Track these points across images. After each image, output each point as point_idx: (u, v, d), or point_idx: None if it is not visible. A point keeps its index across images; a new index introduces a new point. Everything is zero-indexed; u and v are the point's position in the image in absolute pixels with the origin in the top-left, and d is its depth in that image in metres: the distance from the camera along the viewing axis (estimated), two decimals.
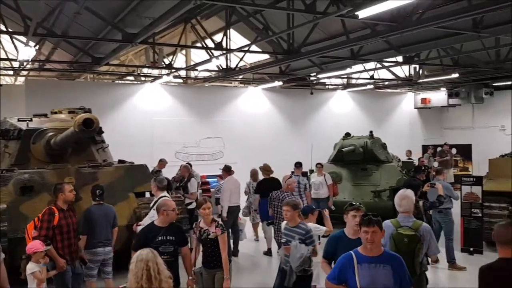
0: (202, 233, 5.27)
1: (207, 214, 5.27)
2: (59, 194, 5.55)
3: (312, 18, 8.10)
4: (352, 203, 4.66)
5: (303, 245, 5.13)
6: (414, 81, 15.13)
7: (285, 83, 16.80)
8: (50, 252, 5.30)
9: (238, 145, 16.25)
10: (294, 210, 5.34)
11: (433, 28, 8.35)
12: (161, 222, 4.94)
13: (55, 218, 5.39)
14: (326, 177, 10.45)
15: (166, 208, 4.95)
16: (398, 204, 4.81)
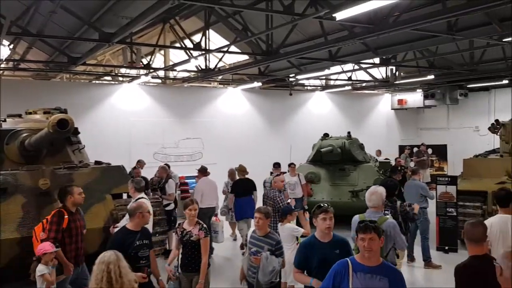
0: (184, 234, 5.16)
1: (193, 216, 5.19)
2: (68, 197, 5.45)
3: (291, 19, 8.14)
4: (320, 205, 4.44)
5: (273, 257, 4.85)
6: (391, 82, 15.35)
7: (264, 84, 16.84)
8: (58, 255, 5.22)
9: (217, 145, 16.22)
10: (266, 218, 5.04)
11: (409, 31, 8.49)
12: (136, 225, 4.78)
13: (64, 221, 5.31)
14: (300, 177, 10.53)
15: (142, 210, 4.83)
16: (367, 199, 4.96)
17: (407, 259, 8.15)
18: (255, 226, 5.10)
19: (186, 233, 5.15)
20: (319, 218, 4.29)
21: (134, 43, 11.20)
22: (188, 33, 12.09)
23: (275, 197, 7.54)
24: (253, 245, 5.04)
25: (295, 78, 15.10)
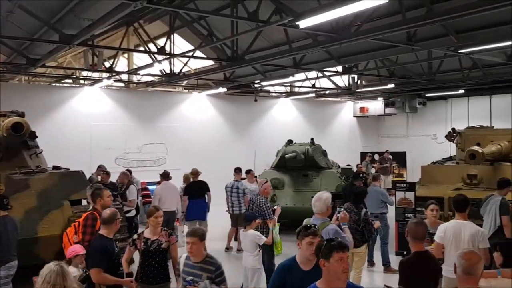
0: (149, 244, 4.87)
1: (158, 224, 4.96)
2: (98, 200, 5.50)
3: (255, 26, 8.19)
4: (308, 225, 3.89)
5: (214, 286, 4.19)
6: (353, 90, 15.69)
7: (229, 90, 16.84)
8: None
9: (181, 151, 16.06)
10: (201, 241, 4.29)
11: (370, 40, 8.72)
12: (112, 232, 4.66)
13: (97, 224, 5.26)
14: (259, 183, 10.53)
15: (119, 216, 4.73)
16: (313, 205, 5.06)
17: (367, 264, 8.31)
18: (188, 252, 4.30)
19: (153, 242, 4.89)
20: (304, 241, 3.71)
21: (95, 45, 10.98)
22: (152, 37, 11.95)
23: (261, 204, 7.21)
24: (188, 274, 4.23)
25: (260, 84, 15.19)
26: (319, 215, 4.99)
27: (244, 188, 9.96)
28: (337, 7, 5.75)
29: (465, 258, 3.29)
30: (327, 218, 5.07)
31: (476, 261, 3.27)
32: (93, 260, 4.51)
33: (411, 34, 9.03)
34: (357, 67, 13.45)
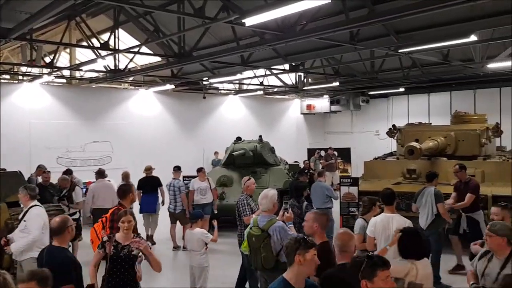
0: (119, 249, 4.54)
1: (127, 228, 4.60)
2: (129, 195, 5.47)
3: (202, 23, 8.16)
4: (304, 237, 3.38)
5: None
6: (300, 88, 15.98)
7: (177, 87, 16.64)
8: None
9: (128, 149, 15.69)
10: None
11: (315, 39, 8.92)
12: (66, 241, 4.31)
13: None
14: (209, 181, 10.54)
15: (70, 223, 4.36)
16: (259, 203, 5.10)
17: None
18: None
19: (123, 248, 4.54)
20: (309, 254, 3.24)
21: (34, 40, 10.48)
22: (96, 31, 11.58)
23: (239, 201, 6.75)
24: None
25: (208, 81, 15.13)
26: (265, 212, 5.05)
27: (180, 186, 9.96)
28: (282, 5, 5.84)
29: (340, 238, 3.80)
30: (274, 215, 5.13)
31: (348, 239, 3.81)
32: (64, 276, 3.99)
33: (354, 34, 9.32)
34: (304, 66, 13.71)
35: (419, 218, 7.56)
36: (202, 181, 10.28)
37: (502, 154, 12.03)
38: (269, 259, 4.82)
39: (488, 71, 12.36)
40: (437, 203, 7.34)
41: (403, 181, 9.75)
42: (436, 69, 13.94)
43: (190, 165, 11.64)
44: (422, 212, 7.53)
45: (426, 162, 9.96)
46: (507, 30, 9.69)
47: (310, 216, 4.49)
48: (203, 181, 10.30)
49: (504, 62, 10.65)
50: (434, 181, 7.64)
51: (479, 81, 15.89)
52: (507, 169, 9.36)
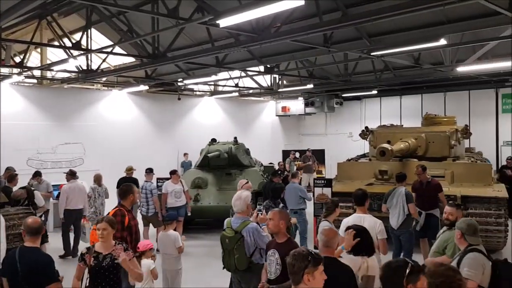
0: (101, 259, 4.32)
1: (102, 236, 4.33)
2: (129, 196, 5.47)
3: (175, 23, 8.12)
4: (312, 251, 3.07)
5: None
6: (275, 90, 16.06)
7: (151, 88, 16.48)
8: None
9: (100, 151, 15.42)
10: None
11: (290, 41, 8.99)
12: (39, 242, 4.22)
13: (126, 220, 5.28)
14: (183, 184, 10.53)
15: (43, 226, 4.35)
16: (233, 204, 5.10)
17: None
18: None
19: (105, 257, 4.33)
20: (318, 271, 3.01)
21: (3, 39, 10.21)
22: (68, 31, 11.37)
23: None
24: None
25: (183, 82, 15.03)
26: (239, 214, 5.06)
27: (152, 189, 9.97)
28: (256, 7, 5.85)
29: (324, 234, 3.96)
30: (248, 217, 5.15)
31: (332, 236, 3.96)
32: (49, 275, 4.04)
33: (328, 37, 9.42)
34: (278, 68, 13.79)
35: (390, 218, 7.73)
36: (175, 184, 10.25)
37: (471, 155, 12.39)
38: (242, 260, 4.84)
39: (458, 74, 12.68)
40: (408, 203, 7.54)
41: (375, 182, 9.92)
42: (408, 72, 14.24)
43: (164, 167, 11.55)
44: (393, 212, 7.70)
45: (398, 163, 10.17)
46: (475, 35, 10.02)
47: (276, 214, 4.53)
48: (176, 184, 10.27)
49: (472, 65, 10.94)
50: (404, 182, 7.87)
51: (449, 84, 16.31)
52: (475, 170, 9.65)
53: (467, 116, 16.37)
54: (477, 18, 9.11)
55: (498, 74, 13.76)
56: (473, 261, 3.95)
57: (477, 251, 4.07)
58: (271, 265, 4.43)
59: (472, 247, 4.11)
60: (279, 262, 4.32)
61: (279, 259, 4.32)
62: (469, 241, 4.16)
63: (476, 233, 4.20)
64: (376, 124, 13.64)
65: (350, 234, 4.35)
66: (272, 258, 4.43)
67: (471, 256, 4.00)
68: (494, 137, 16.18)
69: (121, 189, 5.68)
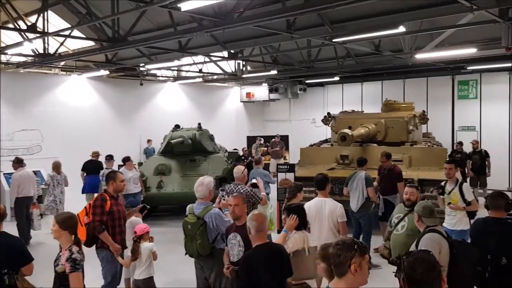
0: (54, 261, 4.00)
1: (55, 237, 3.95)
2: (111, 182, 5.51)
3: (136, 6, 7.93)
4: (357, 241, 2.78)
5: None
6: (239, 76, 16.02)
7: (112, 73, 16.08)
8: (104, 237, 5.25)
9: (59, 137, 14.99)
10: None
11: (253, 27, 8.97)
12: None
13: (107, 204, 5.33)
14: (137, 170, 10.53)
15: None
16: (195, 190, 5.11)
17: None
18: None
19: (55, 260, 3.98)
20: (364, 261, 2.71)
21: None
22: (23, 13, 10.89)
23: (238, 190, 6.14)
24: None
25: (145, 67, 14.75)
26: (201, 199, 5.07)
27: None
28: None
29: (255, 219, 3.95)
30: (210, 202, 5.16)
31: (263, 220, 3.99)
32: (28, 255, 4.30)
33: (291, 23, 9.46)
34: (242, 53, 13.74)
35: (350, 201, 7.94)
36: (129, 170, 10.24)
37: (428, 140, 12.83)
38: (204, 246, 4.86)
39: (416, 62, 13.03)
40: (368, 187, 7.77)
41: (336, 166, 10.13)
42: (369, 59, 14.50)
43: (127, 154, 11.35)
44: (353, 196, 7.91)
45: (358, 148, 10.41)
46: (433, 22, 10.31)
47: (240, 199, 4.60)
48: (130, 170, 10.27)
49: (430, 53, 11.26)
50: (364, 167, 8.08)
51: (408, 71, 16.74)
52: (431, 154, 10.01)
53: (425, 102, 16.87)
54: (435, 6, 9.38)
55: (454, 62, 14.24)
56: (429, 241, 4.07)
57: (434, 231, 4.20)
58: (233, 248, 4.50)
59: (430, 228, 4.25)
60: (242, 244, 4.39)
61: (241, 241, 4.39)
62: (426, 223, 4.29)
63: (432, 214, 4.33)
64: (338, 110, 13.86)
65: (292, 219, 4.55)
66: (234, 241, 4.49)
67: (428, 237, 4.13)
68: (450, 123, 16.80)
69: (107, 175, 5.76)
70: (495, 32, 9.97)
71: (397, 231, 5.21)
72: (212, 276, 4.96)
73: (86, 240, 5.28)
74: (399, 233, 5.17)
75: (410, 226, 4.97)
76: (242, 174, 6.44)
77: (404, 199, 5.35)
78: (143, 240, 5.61)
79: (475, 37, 11.49)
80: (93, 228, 5.25)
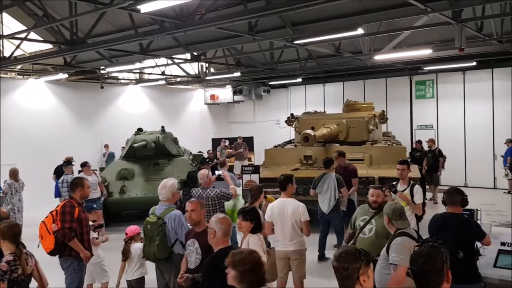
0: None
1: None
2: (78, 189, 5.39)
3: (93, 8, 7.79)
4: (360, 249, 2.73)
5: None
6: (202, 78, 15.96)
7: (72, 76, 15.69)
8: (75, 244, 5.15)
9: (16, 144, 14.46)
10: None
11: (215, 29, 8.98)
12: None
13: (76, 211, 5.23)
14: (97, 175, 10.34)
15: None
16: (158, 192, 5.07)
17: None
18: None
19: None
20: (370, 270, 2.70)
21: None
22: None
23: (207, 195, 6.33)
24: None
25: (106, 70, 14.46)
26: (164, 201, 5.03)
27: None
28: None
29: (223, 222, 3.88)
30: (173, 205, 5.12)
31: (230, 223, 3.95)
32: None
33: (253, 25, 9.53)
34: (205, 55, 13.71)
35: (320, 203, 7.94)
36: (89, 176, 10.05)
37: (388, 139, 13.18)
38: (162, 248, 4.77)
39: (375, 63, 13.38)
40: (341, 187, 7.83)
41: (300, 167, 10.24)
42: (330, 61, 14.77)
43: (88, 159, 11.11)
44: (323, 197, 7.88)
45: (321, 148, 10.58)
46: (391, 25, 10.62)
47: (197, 204, 4.54)
48: (89, 176, 10.08)
49: (388, 54, 11.58)
50: (331, 167, 8.08)
51: (368, 72, 17.21)
52: (391, 152, 10.29)
53: (384, 102, 17.33)
54: (392, 9, 9.67)
55: (412, 62, 14.72)
56: (400, 246, 4.04)
57: (405, 234, 4.17)
58: (191, 255, 4.43)
59: (400, 231, 4.22)
60: (199, 251, 4.32)
61: (199, 249, 4.32)
62: (396, 226, 4.27)
63: (402, 217, 4.30)
64: (302, 111, 14.04)
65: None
66: (192, 248, 4.42)
67: (398, 241, 4.10)
68: (409, 122, 17.33)
69: (72, 181, 5.63)
70: (449, 33, 10.37)
71: (364, 235, 5.06)
72: (171, 282, 4.87)
73: (54, 248, 5.17)
74: (366, 237, 5.02)
75: (379, 228, 4.89)
76: (208, 178, 6.42)
77: (370, 201, 5.17)
78: (134, 241, 5.75)
79: (431, 38, 11.93)
80: (62, 235, 5.12)
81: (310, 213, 5.86)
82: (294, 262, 5.66)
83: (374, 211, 5.10)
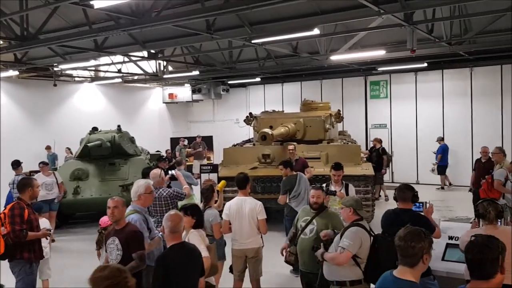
0: None
1: None
2: (28, 189, 5.29)
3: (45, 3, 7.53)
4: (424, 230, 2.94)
5: None
6: (160, 76, 15.76)
7: (23, 73, 15.08)
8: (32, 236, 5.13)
9: None
10: None
11: (173, 27, 8.88)
12: None
13: (25, 213, 5.14)
14: (56, 176, 10.02)
15: None
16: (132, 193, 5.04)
17: None
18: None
19: None
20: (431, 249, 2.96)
21: None
22: None
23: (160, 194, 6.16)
24: None
25: (58, 67, 13.99)
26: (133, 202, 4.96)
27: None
28: None
29: (170, 219, 3.90)
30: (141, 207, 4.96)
31: (179, 221, 3.96)
32: None
33: (210, 23, 9.50)
34: (163, 53, 13.53)
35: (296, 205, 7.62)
36: (46, 176, 9.72)
37: (344, 138, 13.49)
38: None
39: (331, 63, 13.66)
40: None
41: (259, 165, 10.30)
42: (288, 61, 14.94)
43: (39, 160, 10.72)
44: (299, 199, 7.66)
45: (279, 147, 10.68)
46: (346, 26, 10.87)
47: (118, 201, 4.53)
48: (47, 176, 9.76)
49: (344, 54, 11.83)
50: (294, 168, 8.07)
51: (325, 72, 17.54)
52: (346, 151, 10.54)
53: (340, 101, 17.69)
54: (347, 10, 9.89)
55: (366, 63, 15.12)
56: (353, 234, 4.29)
57: (359, 225, 4.41)
58: (111, 253, 4.39)
59: (356, 222, 4.45)
60: (120, 247, 4.31)
61: (119, 245, 4.32)
62: (362, 214, 4.55)
63: (362, 206, 4.68)
64: (261, 110, 14.12)
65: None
66: (112, 246, 4.38)
67: (352, 230, 4.35)
68: (364, 121, 17.79)
69: (20, 182, 5.50)
70: (402, 35, 10.73)
71: (305, 235, 5.02)
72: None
73: (4, 253, 5.03)
74: (307, 237, 4.99)
75: (320, 229, 4.91)
76: (160, 177, 6.30)
77: (311, 203, 5.14)
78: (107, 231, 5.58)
79: (385, 40, 12.30)
80: (15, 237, 5.00)
81: (267, 212, 5.92)
82: (251, 260, 5.71)
83: (315, 212, 5.11)
